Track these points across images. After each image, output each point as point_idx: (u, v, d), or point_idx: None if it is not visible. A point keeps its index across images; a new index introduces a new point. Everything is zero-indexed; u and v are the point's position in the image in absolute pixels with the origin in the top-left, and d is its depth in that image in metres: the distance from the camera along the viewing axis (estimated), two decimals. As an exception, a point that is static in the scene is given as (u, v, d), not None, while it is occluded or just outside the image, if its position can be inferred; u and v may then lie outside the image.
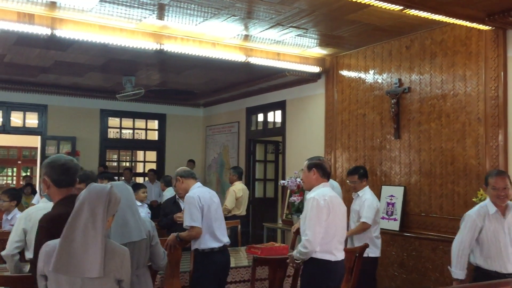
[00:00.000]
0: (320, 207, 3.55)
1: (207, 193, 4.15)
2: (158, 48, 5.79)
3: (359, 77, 6.52)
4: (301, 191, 6.04)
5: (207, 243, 4.01)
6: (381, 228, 5.78)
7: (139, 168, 12.11)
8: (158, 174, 10.03)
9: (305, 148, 7.52)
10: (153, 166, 10.84)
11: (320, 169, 3.76)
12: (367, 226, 4.90)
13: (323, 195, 3.63)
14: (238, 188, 7.09)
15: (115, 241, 2.83)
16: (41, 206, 3.85)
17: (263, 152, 9.59)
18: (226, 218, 6.87)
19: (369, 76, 6.36)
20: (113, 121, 10.59)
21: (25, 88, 9.08)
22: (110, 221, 2.45)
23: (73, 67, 7.59)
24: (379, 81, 6.20)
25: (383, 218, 5.85)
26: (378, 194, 5.98)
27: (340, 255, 3.67)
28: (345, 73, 6.77)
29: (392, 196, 5.86)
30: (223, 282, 4.17)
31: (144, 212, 5.62)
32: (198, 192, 4.11)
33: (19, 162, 14.30)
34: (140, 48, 5.81)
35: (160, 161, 10.88)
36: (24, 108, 9.49)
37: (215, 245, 4.03)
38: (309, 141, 7.47)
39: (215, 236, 4.04)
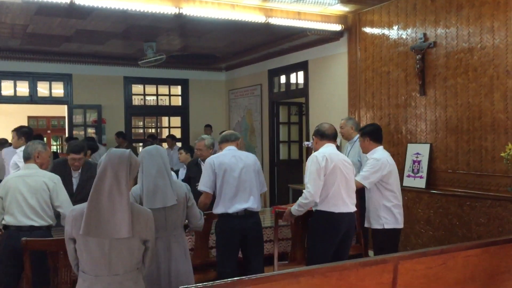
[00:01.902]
0: (319, 163, 3.93)
1: (229, 157, 4.01)
2: (177, 12, 5.74)
3: (383, 34, 6.35)
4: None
5: (221, 207, 3.95)
6: (407, 186, 5.79)
7: (165, 134, 12.25)
8: (184, 140, 10.19)
9: (328, 108, 7.46)
10: (178, 131, 10.96)
11: (318, 135, 4.20)
12: (359, 185, 4.32)
13: (323, 152, 4.03)
14: None
15: (148, 207, 2.96)
16: (20, 173, 3.88)
17: (286, 114, 9.56)
18: None
19: (393, 32, 6.19)
20: (136, 88, 10.68)
21: (49, 58, 9.20)
22: (131, 184, 2.53)
23: (94, 35, 7.62)
24: (404, 36, 6.04)
25: (409, 176, 5.83)
26: (403, 152, 5.93)
27: (344, 208, 3.97)
28: (368, 30, 6.61)
29: (418, 153, 5.80)
30: (248, 249, 4.01)
31: None
32: (217, 156, 4.08)
33: (49, 131, 14.62)
34: (159, 13, 5.77)
35: (185, 126, 10.98)
36: (50, 78, 9.64)
37: (230, 210, 3.91)
38: (333, 101, 7.40)
39: (230, 201, 3.92)
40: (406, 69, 6.00)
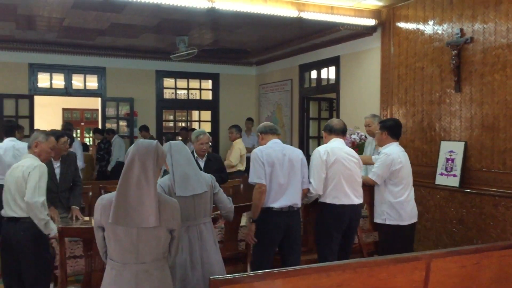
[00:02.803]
0: (320, 157, 4.14)
1: (276, 150, 3.94)
2: (210, 6, 5.77)
3: (418, 29, 6.23)
4: (356, 147, 5.97)
5: (266, 201, 3.88)
6: (439, 185, 5.69)
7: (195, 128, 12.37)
8: (214, 134, 10.22)
9: (360, 104, 7.38)
10: (208, 125, 11.04)
11: (327, 130, 4.41)
12: (371, 182, 4.49)
13: (326, 147, 4.23)
14: (242, 145, 7.52)
15: (180, 194, 3.07)
16: (15, 164, 3.85)
17: (316, 110, 9.51)
18: (231, 173, 6.95)
19: (428, 27, 6.07)
20: (168, 82, 10.79)
21: (84, 51, 9.39)
22: (158, 174, 2.56)
23: (128, 29, 7.73)
24: (439, 32, 5.91)
25: (442, 174, 5.72)
26: (436, 150, 5.82)
27: (346, 200, 4.13)
28: (402, 25, 6.49)
29: (451, 151, 5.68)
30: (287, 246, 3.97)
31: None
32: (265, 147, 3.99)
33: (82, 123, 14.97)
34: (192, 7, 5.81)
35: (215, 120, 11.05)
36: (84, 71, 9.84)
37: (275, 205, 3.87)
38: (364, 97, 7.31)
39: (276, 195, 3.87)
40: (441, 65, 5.88)
